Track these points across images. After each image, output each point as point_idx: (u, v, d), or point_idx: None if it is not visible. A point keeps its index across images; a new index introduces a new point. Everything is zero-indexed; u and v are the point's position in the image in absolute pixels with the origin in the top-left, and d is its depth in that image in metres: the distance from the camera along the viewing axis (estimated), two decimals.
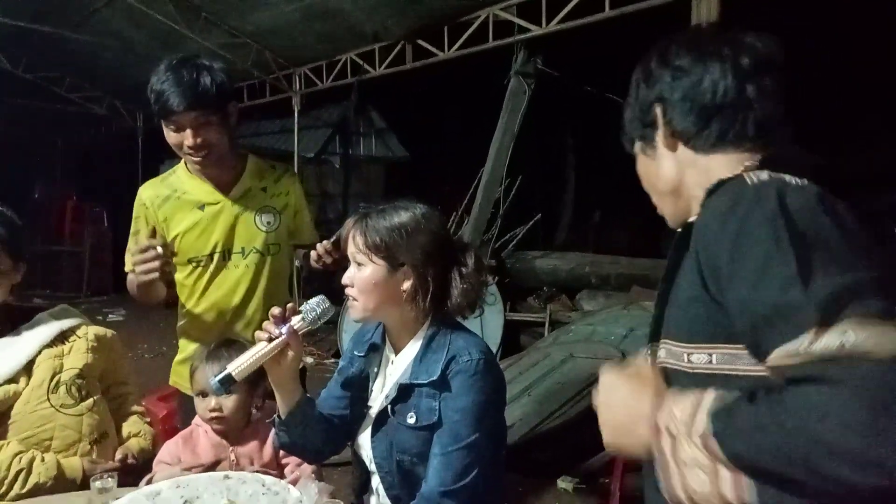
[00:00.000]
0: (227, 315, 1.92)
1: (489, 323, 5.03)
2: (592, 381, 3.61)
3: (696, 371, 0.83)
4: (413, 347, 1.37)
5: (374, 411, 1.40)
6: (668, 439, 0.74)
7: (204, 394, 1.59)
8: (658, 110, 0.96)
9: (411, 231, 1.33)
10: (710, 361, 0.81)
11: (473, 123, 6.80)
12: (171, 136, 1.76)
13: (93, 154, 11.83)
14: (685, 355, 0.84)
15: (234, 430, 1.60)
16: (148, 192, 1.91)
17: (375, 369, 1.45)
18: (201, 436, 1.61)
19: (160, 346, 6.01)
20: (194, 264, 1.90)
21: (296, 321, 1.31)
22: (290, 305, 1.33)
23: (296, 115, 7.37)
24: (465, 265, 1.37)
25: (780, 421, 0.64)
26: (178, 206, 1.89)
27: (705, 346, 0.82)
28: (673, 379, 0.86)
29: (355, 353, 1.49)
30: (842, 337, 0.63)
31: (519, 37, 5.08)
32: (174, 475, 1.48)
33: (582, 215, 9.14)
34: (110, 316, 7.71)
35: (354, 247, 1.34)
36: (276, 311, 1.31)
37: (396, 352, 1.41)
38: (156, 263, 1.64)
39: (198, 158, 1.78)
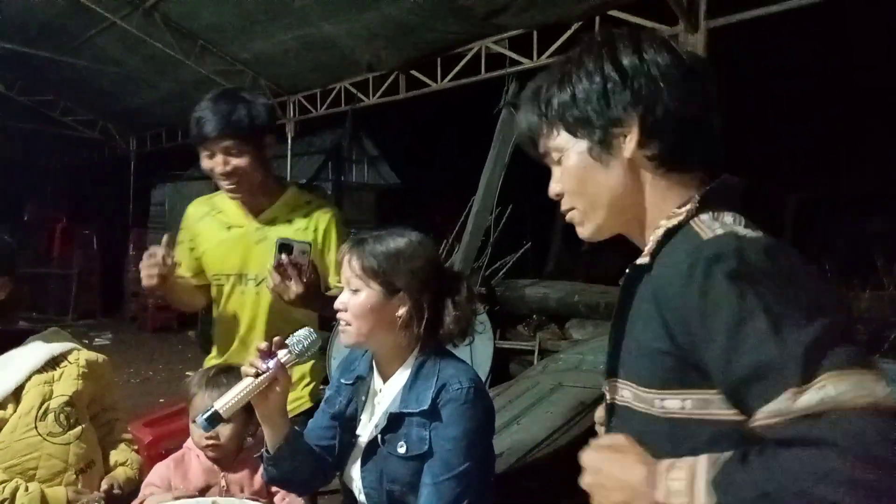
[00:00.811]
0: (233, 339, 1.94)
1: (479, 351, 5.03)
2: (581, 409, 3.61)
3: (669, 416, 0.83)
4: (402, 375, 1.37)
5: (363, 441, 1.39)
6: None
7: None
8: (635, 118, 0.88)
9: (408, 257, 1.34)
10: (683, 407, 0.82)
11: (465, 153, 6.87)
12: (204, 162, 1.83)
13: (84, 177, 11.82)
14: (657, 401, 0.84)
15: (227, 456, 1.59)
16: (193, 208, 2.04)
17: (363, 398, 1.44)
18: (193, 460, 1.60)
19: (146, 370, 5.94)
20: (216, 282, 1.95)
21: (282, 354, 1.29)
22: (276, 339, 1.32)
23: (289, 141, 7.43)
24: (458, 293, 1.39)
25: (780, 485, 0.66)
26: (211, 223, 1.96)
27: (678, 392, 0.82)
28: (644, 421, 0.87)
29: (342, 381, 1.49)
30: (821, 392, 0.65)
31: (510, 69, 5.17)
32: (163, 502, 1.46)
33: (571, 244, 9.20)
34: (97, 340, 7.62)
35: (350, 271, 1.35)
36: (262, 345, 1.30)
37: (385, 379, 1.41)
38: (154, 269, 1.73)
39: (227, 184, 1.82)
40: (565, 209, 0.97)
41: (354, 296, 1.34)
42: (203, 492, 1.54)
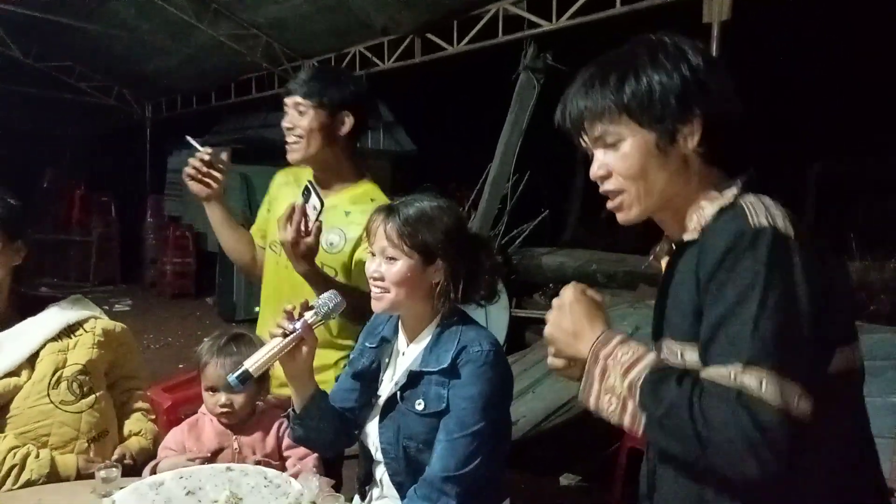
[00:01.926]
0: (274, 306, 1.91)
1: (494, 319, 5.04)
2: None
3: (687, 367, 0.95)
4: (425, 338, 1.40)
5: (382, 399, 1.42)
6: (600, 367, 0.96)
7: (214, 389, 1.60)
8: (700, 118, 0.98)
9: (442, 224, 1.35)
10: (698, 360, 0.94)
11: (482, 118, 6.79)
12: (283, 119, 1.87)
13: (101, 145, 11.89)
14: (679, 351, 0.98)
15: (239, 421, 1.61)
16: (280, 174, 2.07)
17: (387, 360, 1.47)
18: (206, 424, 1.63)
19: (165, 336, 6.05)
20: (273, 249, 1.95)
21: (309, 316, 1.33)
22: (302, 301, 1.36)
23: None
24: (486, 255, 1.43)
25: (692, 410, 0.86)
26: (287, 192, 1.96)
27: (695, 343, 0.95)
28: None
29: (367, 344, 1.51)
30: (758, 381, 0.84)
31: (528, 32, 5.07)
32: (178, 465, 1.49)
33: (590, 212, 9.12)
34: (116, 306, 7.76)
35: (387, 241, 1.34)
36: (289, 307, 1.34)
37: (409, 341, 1.43)
38: (199, 165, 1.83)
39: (288, 142, 1.84)
40: (612, 191, 1.04)
41: (391, 264, 1.35)
42: (216, 454, 1.57)
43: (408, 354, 1.42)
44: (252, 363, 1.28)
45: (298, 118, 1.81)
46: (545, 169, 7.03)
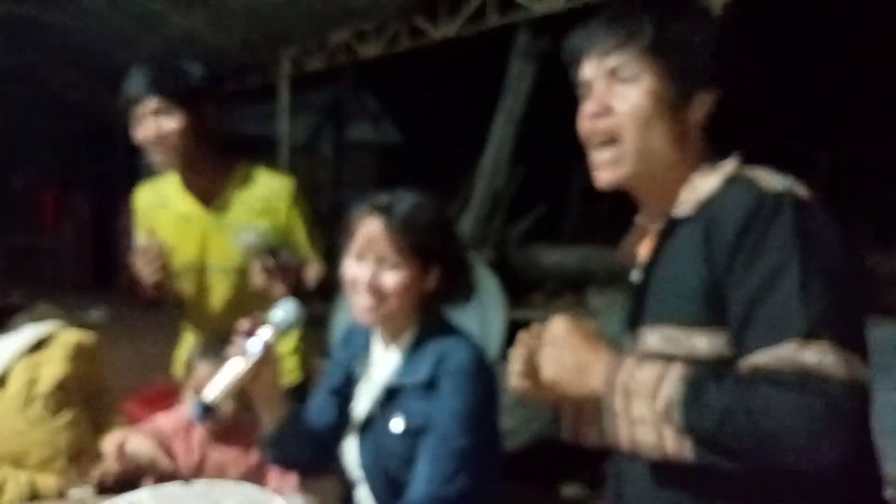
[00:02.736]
0: (208, 328, 1.94)
1: (490, 322, 5.02)
2: None
3: (694, 356, 0.90)
4: (402, 343, 1.37)
5: (360, 415, 1.39)
6: (621, 396, 0.87)
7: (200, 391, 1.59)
8: (718, 89, 0.96)
9: (442, 228, 1.33)
10: (709, 346, 0.90)
11: (474, 108, 6.76)
12: (135, 132, 1.74)
13: (72, 143, 11.80)
14: (683, 339, 0.92)
15: (224, 430, 1.60)
16: (141, 197, 1.97)
17: (363, 370, 1.44)
18: (196, 433, 1.62)
19: (141, 345, 6.00)
20: (179, 276, 1.91)
21: (265, 332, 1.28)
22: (257, 316, 1.31)
23: (284, 99, 7.34)
24: (464, 251, 1.41)
25: (750, 409, 0.79)
26: (162, 215, 1.91)
27: (704, 328, 0.90)
28: None
29: (342, 354, 1.48)
30: (820, 356, 0.79)
31: (520, 15, 5.05)
32: (149, 458, 1.45)
33: (591, 206, 9.11)
34: (92, 314, 7.69)
35: (390, 247, 1.28)
36: (244, 324, 1.29)
37: (385, 346, 1.41)
38: (155, 262, 1.72)
39: (159, 153, 1.73)
40: (603, 132, 0.99)
41: (391, 273, 1.29)
42: (199, 465, 1.56)
43: (384, 362, 1.40)
44: (212, 393, 1.22)
45: (165, 122, 1.69)
46: (543, 161, 7.02)
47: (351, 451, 1.41)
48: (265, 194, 1.85)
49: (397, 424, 1.31)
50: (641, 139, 0.97)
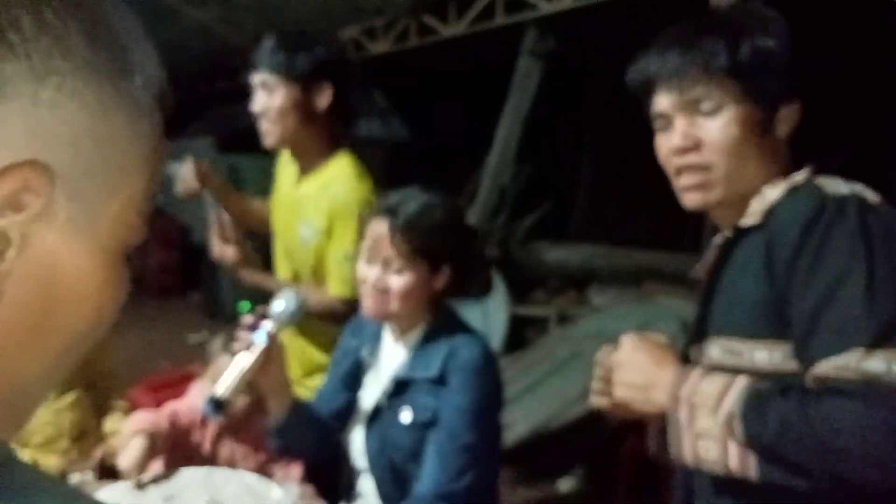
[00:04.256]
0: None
1: (493, 317, 5.03)
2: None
3: (756, 369, 0.88)
4: (412, 338, 1.38)
5: (368, 405, 1.40)
6: (686, 410, 0.85)
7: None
8: (798, 101, 0.94)
9: (450, 228, 1.32)
10: (771, 359, 0.87)
11: (481, 106, 6.76)
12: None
13: None
14: (745, 353, 0.90)
15: (236, 425, 1.61)
16: (284, 153, 1.93)
17: (371, 360, 1.45)
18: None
19: (149, 334, 6.03)
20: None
21: (268, 325, 1.29)
22: (259, 309, 1.32)
23: None
24: (482, 247, 1.43)
25: (812, 421, 0.75)
26: (281, 177, 1.92)
27: (768, 342, 0.88)
28: None
29: (352, 342, 1.49)
30: (887, 364, 0.74)
31: (529, 14, 5.04)
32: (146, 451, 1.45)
33: (597, 204, 9.09)
34: None
35: (394, 251, 1.28)
36: (247, 318, 1.30)
37: (395, 339, 1.41)
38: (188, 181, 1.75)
39: (262, 127, 1.71)
40: (695, 165, 0.96)
41: (398, 276, 1.29)
42: (212, 457, 1.56)
43: (394, 354, 1.41)
44: (222, 388, 1.23)
45: (267, 98, 1.67)
46: (549, 159, 7.01)
47: (357, 442, 1.42)
48: (335, 193, 1.71)
49: (406, 416, 1.32)
50: (733, 165, 0.94)
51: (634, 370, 0.94)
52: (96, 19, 0.40)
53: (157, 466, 1.48)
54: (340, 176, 1.72)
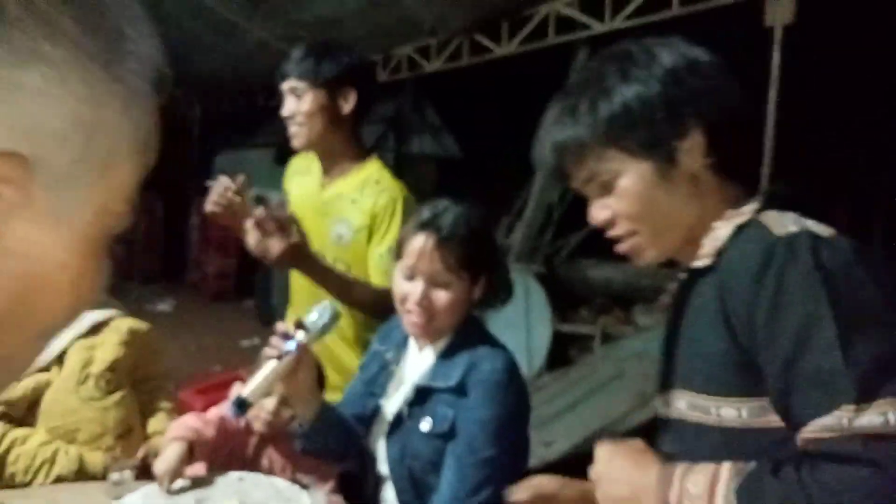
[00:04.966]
0: (296, 304, 1.92)
1: (536, 334, 4.97)
2: (642, 401, 3.52)
3: (724, 426, 0.83)
4: (437, 347, 1.37)
5: (390, 412, 1.39)
6: None
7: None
8: (698, 124, 0.85)
9: (488, 235, 1.34)
10: (740, 416, 0.81)
11: (530, 123, 6.74)
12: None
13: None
14: (712, 408, 0.84)
15: (279, 437, 1.61)
16: (294, 161, 2.00)
17: (396, 367, 1.44)
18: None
19: (202, 338, 6.18)
20: None
21: (302, 335, 1.29)
22: (295, 319, 1.33)
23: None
24: (503, 255, 1.39)
25: (812, 498, 0.68)
26: (298, 181, 1.94)
27: (735, 399, 0.82)
28: (696, 433, 0.86)
29: (379, 348, 1.48)
30: (881, 417, 0.66)
31: (580, 34, 5.01)
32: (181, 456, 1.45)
33: None
34: (159, 305, 7.97)
35: (441, 266, 1.27)
36: (281, 326, 1.31)
37: (420, 349, 1.40)
38: (220, 199, 1.68)
39: (291, 131, 1.76)
40: (622, 235, 0.92)
41: (442, 291, 1.28)
42: (252, 464, 1.56)
43: (419, 362, 1.40)
44: (249, 389, 1.24)
45: (296, 103, 1.73)
46: None
47: (379, 448, 1.41)
48: (370, 194, 1.75)
49: (425, 425, 1.31)
50: (657, 224, 0.89)
51: (617, 482, 0.86)
52: (91, 2, 0.37)
53: (199, 469, 1.49)
54: (380, 177, 1.79)
